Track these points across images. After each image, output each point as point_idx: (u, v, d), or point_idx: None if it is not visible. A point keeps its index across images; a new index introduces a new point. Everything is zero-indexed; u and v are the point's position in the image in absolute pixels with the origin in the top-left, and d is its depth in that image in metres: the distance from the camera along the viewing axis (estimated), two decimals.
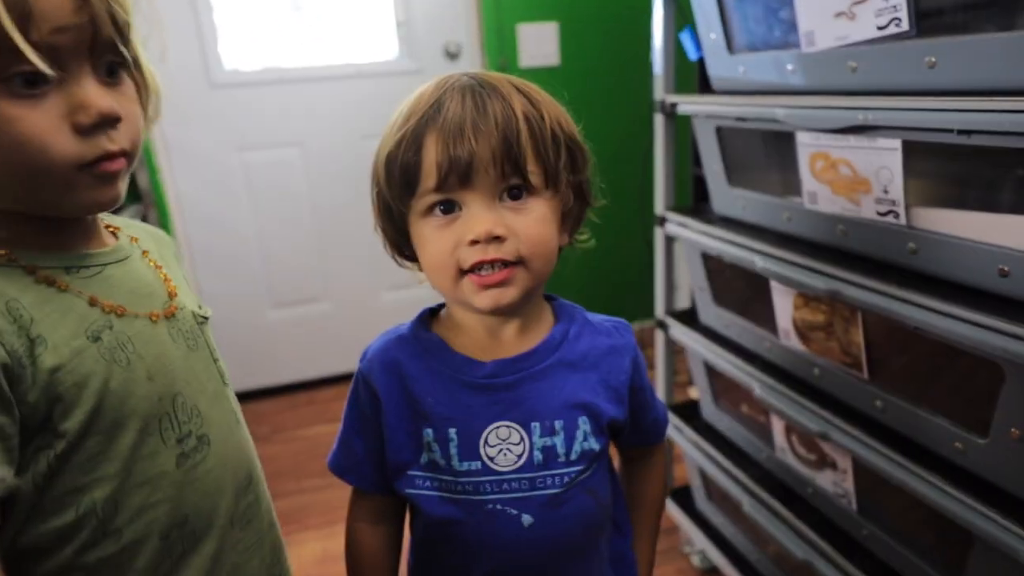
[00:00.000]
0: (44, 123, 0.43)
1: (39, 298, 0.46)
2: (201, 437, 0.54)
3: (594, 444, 0.63)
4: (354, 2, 2.09)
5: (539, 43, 2.22)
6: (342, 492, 0.73)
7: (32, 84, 0.42)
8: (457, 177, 0.54)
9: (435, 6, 2.14)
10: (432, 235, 0.57)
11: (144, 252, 0.58)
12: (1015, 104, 0.66)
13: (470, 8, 2.16)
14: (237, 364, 2.19)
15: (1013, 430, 0.71)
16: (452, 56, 2.18)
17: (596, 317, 0.69)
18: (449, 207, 0.56)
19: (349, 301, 2.32)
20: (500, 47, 2.19)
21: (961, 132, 0.71)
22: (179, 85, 1.97)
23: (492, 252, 0.55)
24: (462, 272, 0.56)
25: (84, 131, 0.44)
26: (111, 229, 0.56)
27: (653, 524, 0.79)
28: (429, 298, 0.67)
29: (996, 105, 0.67)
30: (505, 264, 0.55)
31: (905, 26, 0.79)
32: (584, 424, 0.63)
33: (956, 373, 0.80)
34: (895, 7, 0.79)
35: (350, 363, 2.46)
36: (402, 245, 0.63)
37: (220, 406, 0.58)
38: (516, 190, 0.56)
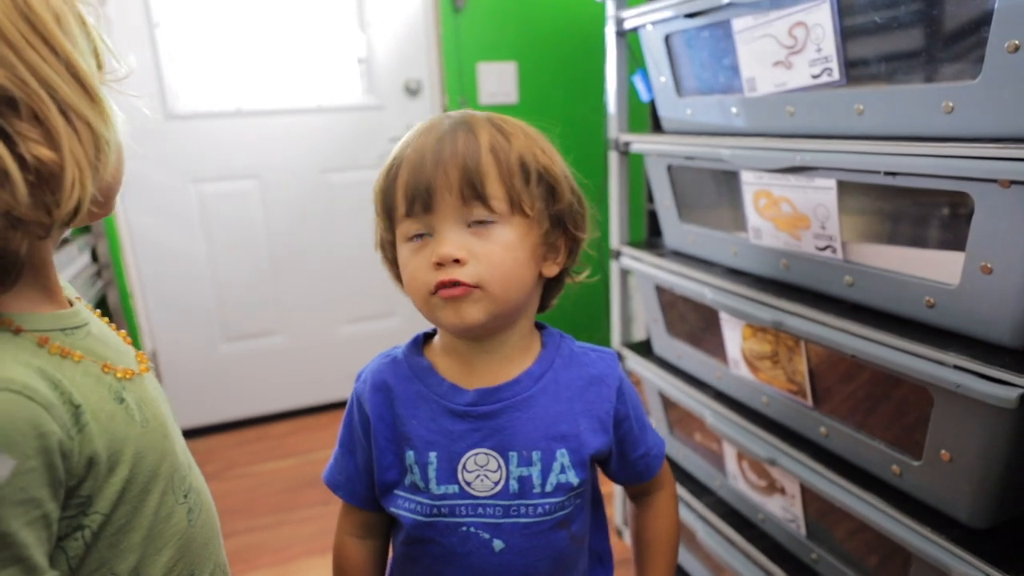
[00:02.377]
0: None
1: (60, 366, 0.44)
2: (192, 488, 0.54)
3: (572, 478, 0.63)
4: (316, 38, 2.10)
5: (498, 81, 2.26)
6: (293, 530, 0.71)
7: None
8: (421, 204, 0.56)
9: (396, 44, 2.16)
10: (408, 259, 0.59)
11: (78, 299, 0.56)
12: (933, 149, 0.71)
13: (431, 46, 2.20)
14: (187, 399, 2.17)
15: (943, 452, 0.75)
16: (413, 93, 2.21)
17: (582, 346, 0.69)
18: (419, 232, 0.58)
19: (305, 335, 2.29)
20: (460, 85, 2.22)
21: (888, 173, 0.76)
22: (133, 117, 1.95)
23: (452, 274, 0.56)
24: (431, 293, 0.57)
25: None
26: None
27: (661, 566, 0.73)
28: (388, 332, 0.68)
29: (917, 149, 0.73)
30: (462, 284, 0.56)
31: (836, 76, 0.85)
32: (563, 456, 0.63)
33: (893, 399, 0.83)
34: (827, 58, 0.85)
35: (304, 397, 2.44)
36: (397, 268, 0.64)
37: (187, 452, 0.58)
38: (478, 217, 0.57)
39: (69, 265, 1.64)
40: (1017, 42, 0.64)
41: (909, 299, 0.80)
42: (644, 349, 1.34)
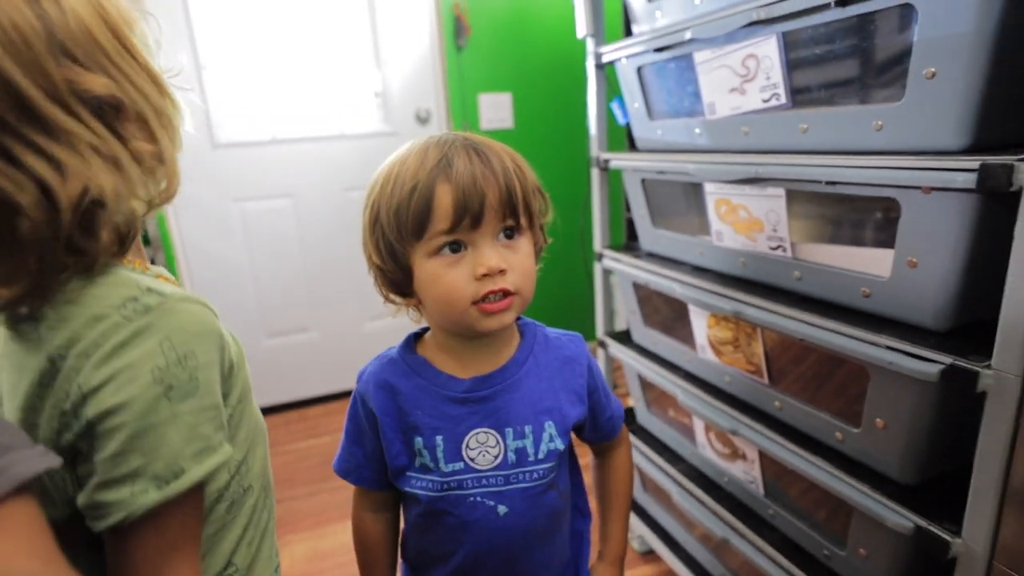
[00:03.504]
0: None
1: None
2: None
3: (559, 444, 0.63)
4: (339, 75, 2.10)
5: (496, 110, 2.26)
6: (328, 498, 0.71)
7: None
8: (470, 220, 0.54)
9: (408, 79, 2.16)
10: (443, 271, 0.56)
11: None
12: (867, 161, 0.71)
13: (438, 80, 2.19)
14: None
15: (878, 420, 0.76)
16: (423, 121, 2.20)
17: (553, 332, 0.69)
18: (456, 247, 0.56)
19: (334, 330, 2.29)
20: (464, 113, 2.23)
21: (828, 183, 0.77)
22: (184, 146, 1.96)
23: (500, 283, 0.56)
24: (472, 303, 0.56)
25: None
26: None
27: (622, 507, 0.76)
28: (404, 327, 0.67)
29: (853, 162, 0.73)
30: (506, 294, 0.56)
31: (783, 100, 0.85)
32: (550, 427, 0.63)
33: (836, 377, 0.83)
34: (775, 85, 0.85)
35: (336, 384, 2.43)
36: (402, 284, 0.61)
37: None
38: (510, 230, 0.57)
39: None
40: (933, 69, 0.64)
41: (848, 290, 0.80)
42: (624, 338, 1.34)
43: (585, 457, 0.76)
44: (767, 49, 0.83)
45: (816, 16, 0.76)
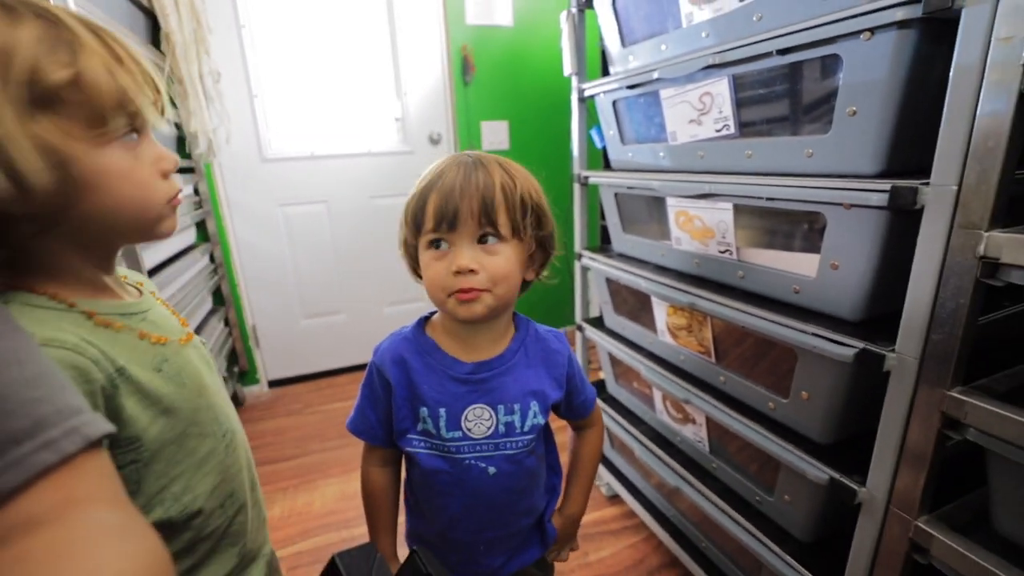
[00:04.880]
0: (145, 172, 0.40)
1: (102, 334, 0.40)
2: (230, 429, 0.51)
3: (540, 420, 0.63)
4: (367, 103, 2.08)
5: (495, 134, 2.25)
6: (352, 451, 0.69)
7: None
8: (447, 223, 0.54)
9: (423, 106, 2.14)
10: (430, 263, 0.56)
11: (152, 293, 0.52)
12: (797, 183, 0.71)
13: (448, 108, 2.18)
14: (279, 358, 2.16)
15: (803, 393, 0.76)
16: (434, 142, 2.19)
17: (541, 328, 0.68)
18: (438, 244, 0.55)
19: (360, 313, 2.27)
20: (468, 136, 2.21)
21: (768, 199, 0.77)
22: (239, 160, 1.94)
23: (468, 281, 0.54)
24: (449, 294, 0.56)
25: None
26: (123, 279, 0.48)
27: (585, 477, 0.75)
28: (417, 311, 0.66)
29: (787, 183, 0.73)
30: (476, 289, 0.55)
31: (733, 130, 0.84)
32: (534, 406, 0.63)
33: (769, 357, 0.84)
34: (726, 117, 0.85)
35: (359, 357, 2.42)
36: (415, 267, 0.61)
37: (230, 405, 0.54)
38: (488, 236, 0.55)
39: (195, 264, 1.63)
40: (854, 108, 0.64)
41: (782, 287, 0.80)
42: (598, 323, 1.34)
43: (563, 433, 0.76)
44: (720, 88, 0.83)
45: (761, 62, 0.75)
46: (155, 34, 1.52)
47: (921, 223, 0.56)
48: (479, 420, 0.62)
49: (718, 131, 0.87)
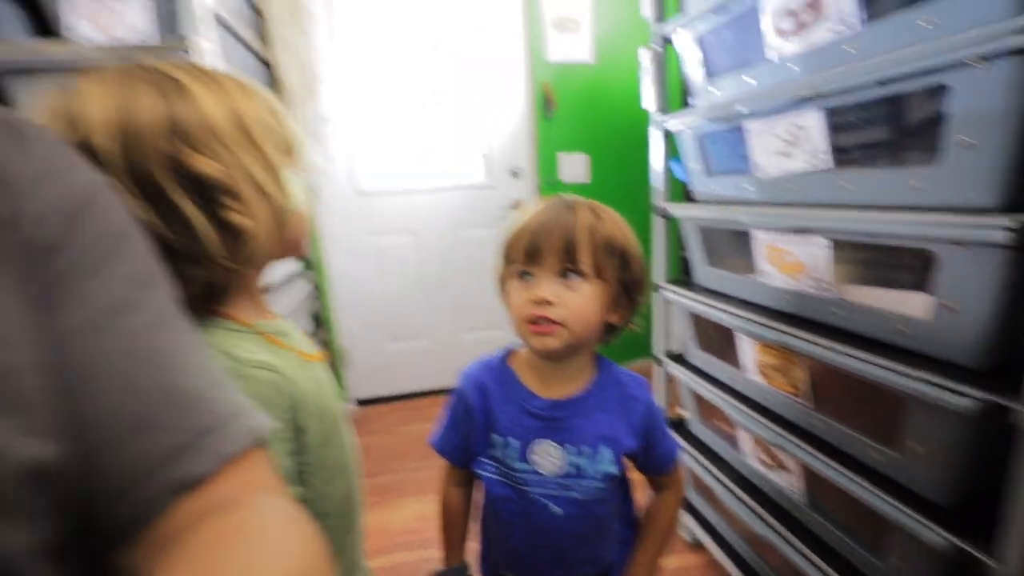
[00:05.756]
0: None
1: (278, 353, 0.47)
2: (350, 442, 0.55)
3: (612, 468, 0.62)
4: (455, 141, 2.21)
5: (574, 167, 2.29)
6: (431, 473, 0.72)
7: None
8: (532, 257, 0.57)
9: (506, 141, 2.23)
10: (515, 293, 0.59)
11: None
12: (903, 217, 0.67)
13: (530, 143, 2.25)
14: (364, 379, 2.29)
15: (916, 446, 0.69)
16: (515, 175, 2.26)
17: (623, 372, 0.66)
18: (525, 275, 0.58)
19: (442, 339, 2.36)
20: (547, 169, 2.27)
21: (870, 234, 0.72)
22: (335, 193, 2.12)
23: (545, 311, 0.56)
24: (527, 322, 0.58)
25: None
26: None
27: (656, 538, 0.70)
28: (496, 340, 0.68)
29: (891, 217, 0.68)
30: (551, 322, 0.56)
31: (827, 163, 0.81)
32: (606, 452, 0.62)
33: (872, 401, 0.77)
34: (819, 150, 0.81)
35: (440, 381, 2.48)
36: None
37: (343, 419, 0.57)
38: (569, 272, 0.57)
39: (300, 290, 1.78)
40: (967, 138, 0.60)
41: (885, 327, 0.74)
42: (680, 358, 1.30)
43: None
44: (811, 120, 0.80)
45: (858, 93, 0.72)
46: (272, 83, 1.73)
47: None
48: (547, 456, 0.62)
49: (811, 164, 0.83)
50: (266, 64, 1.67)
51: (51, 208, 0.25)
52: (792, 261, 0.89)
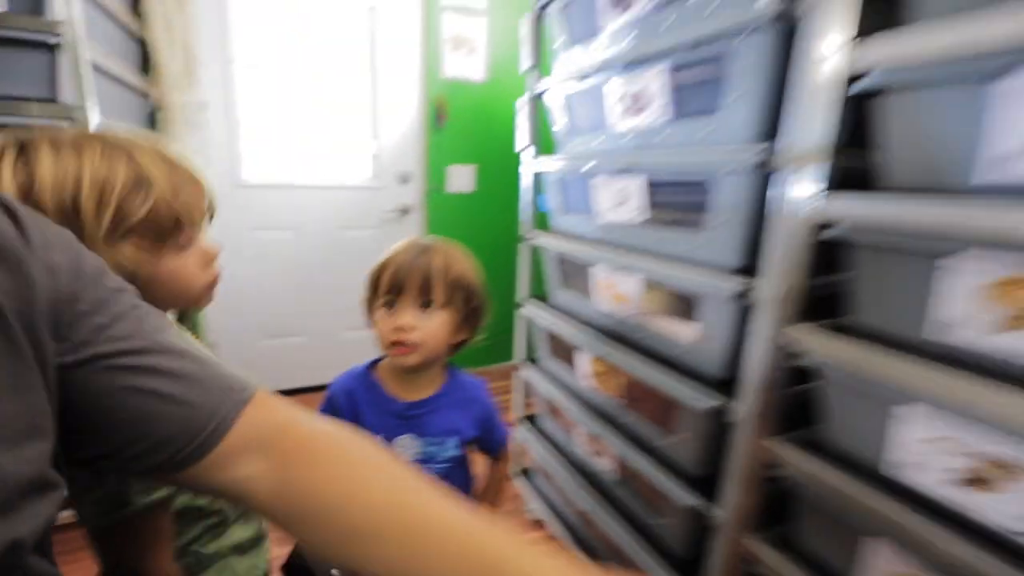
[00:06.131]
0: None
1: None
2: None
3: (456, 452, 0.77)
4: (344, 139, 2.23)
5: (462, 177, 2.43)
6: None
7: None
8: (395, 291, 0.71)
9: (396, 147, 2.30)
10: (381, 320, 0.73)
11: None
12: (682, 270, 0.91)
13: (419, 150, 2.34)
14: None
15: (684, 434, 0.94)
16: (404, 180, 2.35)
17: (467, 378, 0.81)
18: (390, 304, 0.72)
19: (319, 336, 2.36)
20: (436, 177, 2.38)
21: (665, 279, 0.97)
22: (212, 184, 2.03)
23: (404, 336, 0.70)
24: (391, 343, 0.72)
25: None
26: None
27: (493, 494, 0.88)
28: (371, 337, 0.78)
29: (677, 269, 0.93)
30: (410, 343, 0.70)
31: (645, 217, 1.04)
32: (451, 441, 0.77)
33: (661, 401, 1.00)
34: (639, 208, 1.04)
35: (316, 379, 2.46)
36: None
37: None
38: (425, 303, 0.71)
39: None
40: (721, 218, 0.85)
41: (670, 345, 0.99)
42: (535, 363, 1.49)
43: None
44: (636, 184, 1.03)
45: (664, 173, 0.96)
46: (146, 62, 1.64)
47: (755, 313, 0.76)
48: (405, 447, 0.76)
49: (633, 216, 1.06)
50: (141, 43, 1.58)
51: (61, 270, 0.32)
52: (618, 292, 1.13)
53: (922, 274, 0.60)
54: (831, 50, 0.64)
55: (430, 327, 0.72)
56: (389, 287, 0.71)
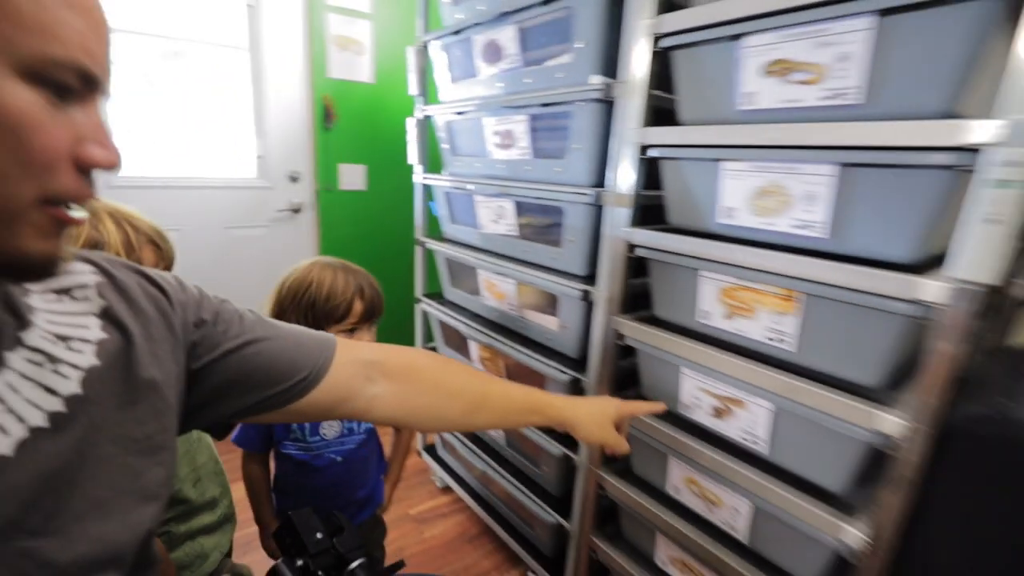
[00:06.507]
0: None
1: None
2: None
3: (369, 425, 0.98)
4: (227, 137, 2.20)
5: (352, 176, 2.51)
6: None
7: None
8: (370, 318, 0.91)
9: (285, 146, 2.31)
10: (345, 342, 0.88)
11: None
12: (545, 276, 1.18)
13: (308, 150, 2.37)
14: None
15: None
16: (294, 180, 2.37)
17: None
18: (353, 330, 0.89)
19: None
20: (327, 177, 2.44)
21: (533, 282, 1.23)
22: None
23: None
24: None
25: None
26: None
27: (401, 456, 1.13)
28: None
29: (540, 275, 1.20)
30: None
31: (516, 232, 1.29)
32: None
33: (535, 378, 1.28)
34: (512, 225, 1.29)
35: None
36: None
37: None
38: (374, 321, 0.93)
39: None
40: (571, 238, 1.12)
41: (540, 332, 1.27)
42: (433, 351, 1.71)
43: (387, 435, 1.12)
44: (508, 206, 1.28)
45: (530, 196, 1.21)
46: None
47: (593, 309, 1.05)
48: (330, 427, 0.94)
49: (506, 231, 1.31)
50: None
51: (185, 305, 0.47)
52: (498, 291, 1.38)
53: (690, 281, 0.92)
54: (632, 127, 0.92)
55: (375, 336, 0.92)
56: (362, 317, 0.88)
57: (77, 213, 0.32)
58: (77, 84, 0.30)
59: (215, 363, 0.47)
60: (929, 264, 0.67)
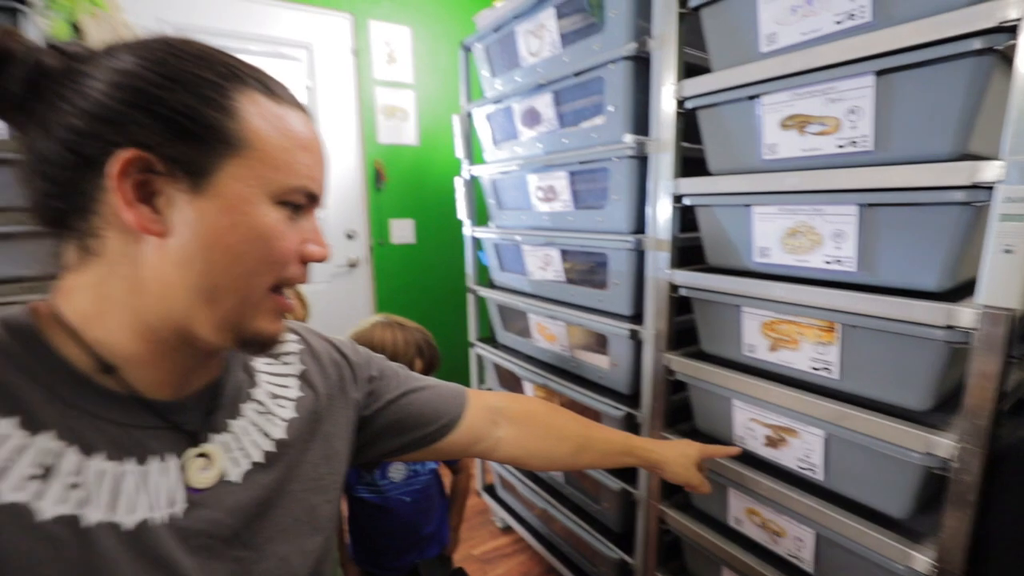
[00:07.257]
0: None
1: None
2: None
3: (433, 465, 1.08)
4: None
5: (402, 230, 2.71)
6: None
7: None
8: (429, 371, 1.03)
9: (341, 208, 2.53)
10: None
11: None
12: (593, 318, 1.27)
13: (362, 209, 2.59)
14: None
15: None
16: (350, 237, 2.59)
17: None
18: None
19: None
20: (380, 232, 2.64)
21: (583, 323, 1.32)
22: None
23: None
24: None
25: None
26: None
27: (459, 503, 1.22)
28: None
29: (590, 317, 1.28)
30: None
31: (563, 279, 1.39)
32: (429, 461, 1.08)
33: (589, 414, 1.35)
34: (558, 271, 1.39)
35: None
36: None
37: None
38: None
39: None
40: (616, 281, 1.21)
41: (591, 371, 1.34)
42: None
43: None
44: (555, 254, 1.38)
45: (574, 245, 1.32)
46: None
47: (642, 352, 1.12)
48: (397, 470, 1.05)
49: (554, 278, 1.41)
50: None
51: (360, 365, 0.57)
52: (549, 333, 1.46)
53: (733, 317, 0.98)
54: (665, 179, 1.02)
55: None
56: (422, 373, 1.00)
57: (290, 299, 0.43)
58: (305, 201, 0.40)
59: (380, 411, 0.58)
60: (962, 291, 0.72)
